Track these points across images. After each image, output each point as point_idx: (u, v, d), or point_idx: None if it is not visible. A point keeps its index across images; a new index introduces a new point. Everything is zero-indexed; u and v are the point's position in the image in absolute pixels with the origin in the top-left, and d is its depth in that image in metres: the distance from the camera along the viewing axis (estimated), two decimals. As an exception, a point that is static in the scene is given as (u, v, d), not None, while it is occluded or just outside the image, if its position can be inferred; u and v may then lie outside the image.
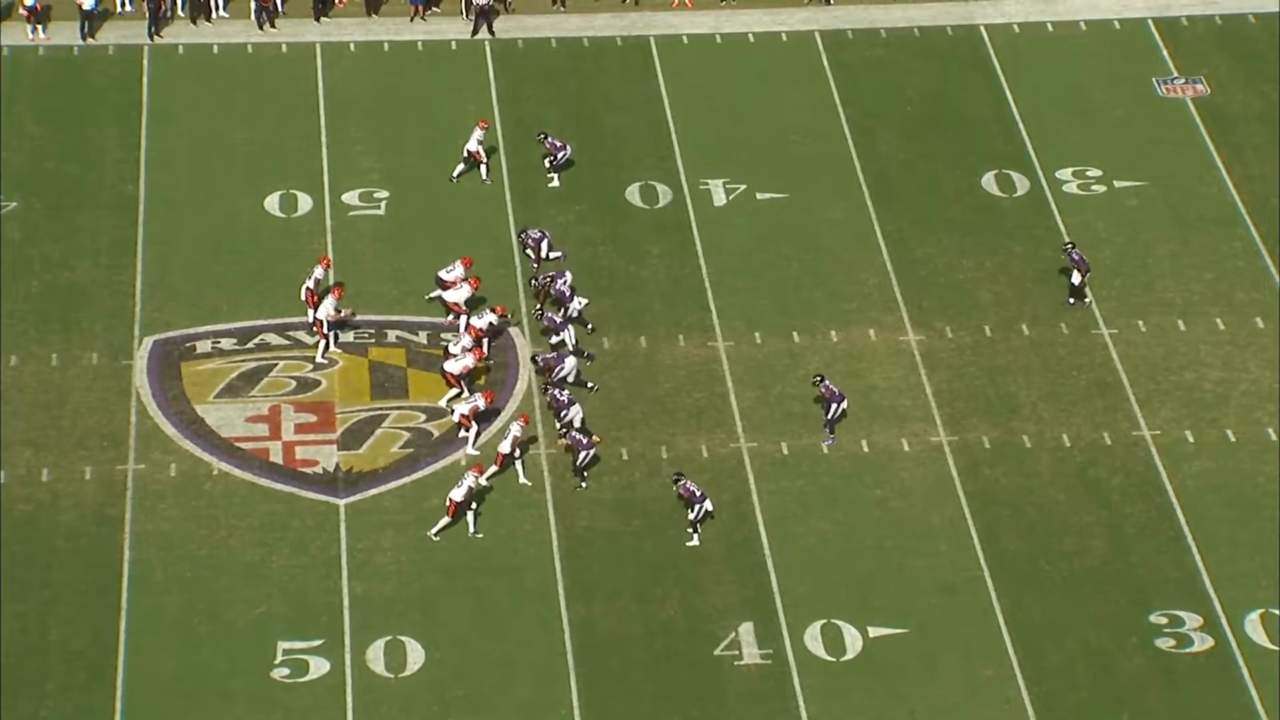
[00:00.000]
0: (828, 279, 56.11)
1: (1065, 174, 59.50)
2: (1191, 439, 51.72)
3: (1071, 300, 54.87)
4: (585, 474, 49.88)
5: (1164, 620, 47.38)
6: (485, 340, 52.82)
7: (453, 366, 51.77)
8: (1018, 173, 59.62)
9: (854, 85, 62.68)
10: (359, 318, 54.04)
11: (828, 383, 51.17)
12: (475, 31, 64.24)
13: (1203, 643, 46.90)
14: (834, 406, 50.90)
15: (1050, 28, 64.56)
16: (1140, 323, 54.85)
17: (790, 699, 45.75)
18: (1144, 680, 46.17)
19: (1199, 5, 65.46)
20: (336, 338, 53.25)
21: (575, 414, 50.62)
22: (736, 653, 46.78)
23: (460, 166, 58.73)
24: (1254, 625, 47.17)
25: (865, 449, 51.49)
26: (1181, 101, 62.12)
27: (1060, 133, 60.92)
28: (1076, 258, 54.70)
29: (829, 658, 46.66)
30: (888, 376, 53.34)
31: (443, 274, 54.25)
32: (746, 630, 47.21)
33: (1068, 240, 55.38)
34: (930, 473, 50.82)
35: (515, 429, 49.97)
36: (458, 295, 53.78)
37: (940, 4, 65.74)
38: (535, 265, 55.11)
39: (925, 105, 62.05)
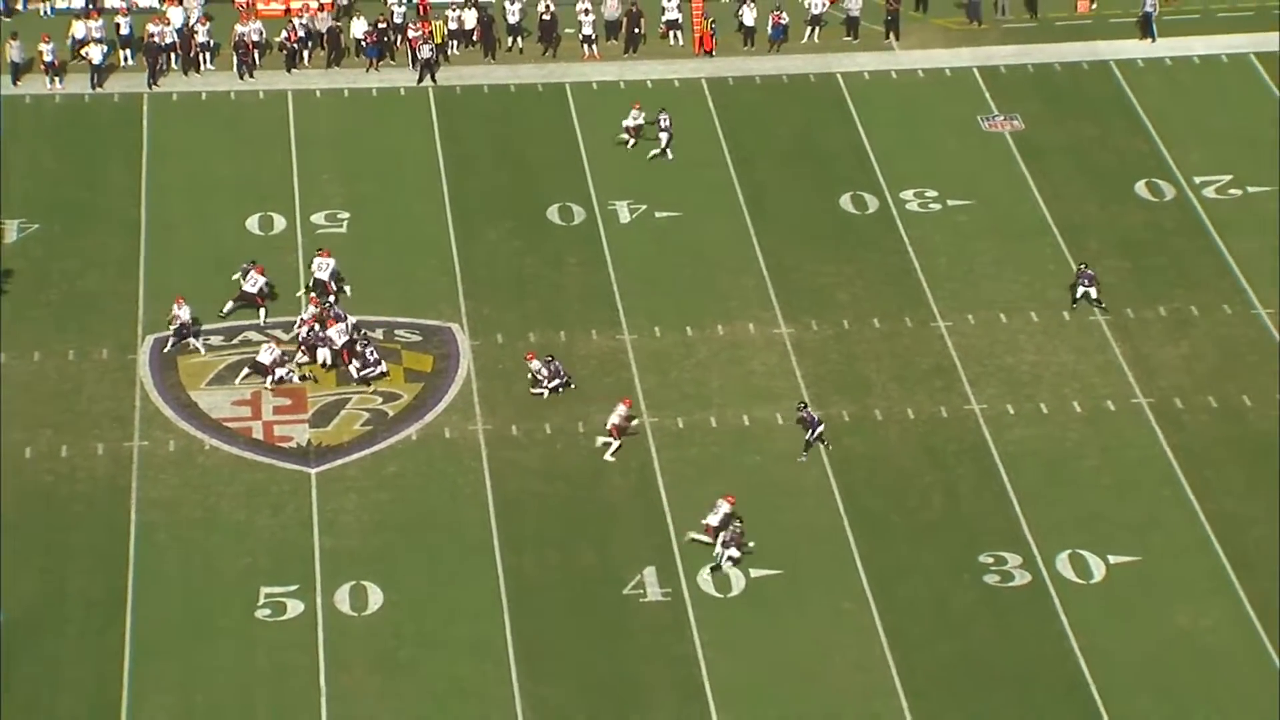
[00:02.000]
0: (714, 283, 56.03)
1: (908, 195, 59.54)
2: (1012, 411, 51.83)
3: (1080, 304, 54.97)
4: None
5: (991, 560, 47.50)
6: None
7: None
8: (869, 194, 59.58)
9: (736, 122, 62.55)
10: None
11: (808, 409, 50.71)
12: (420, 80, 64.00)
13: (1022, 578, 47.03)
14: (812, 430, 50.43)
15: (894, 75, 64.67)
16: (970, 317, 54.93)
17: (686, 629, 45.66)
18: (976, 610, 46.31)
19: (1015, 56, 65.66)
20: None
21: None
22: (641, 592, 46.67)
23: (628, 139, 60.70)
24: (1063, 563, 47.31)
25: (746, 422, 51.38)
26: (1001, 135, 62.28)
27: (903, 161, 60.97)
28: (1090, 274, 54.61)
29: (718, 594, 46.59)
30: (764, 363, 53.25)
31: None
32: (650, 573, 47.10)
33: (1082, 263, 55.19)
34: (800, 442, 50.67)
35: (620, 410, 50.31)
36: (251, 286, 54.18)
37: (804, 55, 65.66)
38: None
39: (793, 139, 61.83)
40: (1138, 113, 63.03)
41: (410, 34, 64.87)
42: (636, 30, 65.86)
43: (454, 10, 66.01)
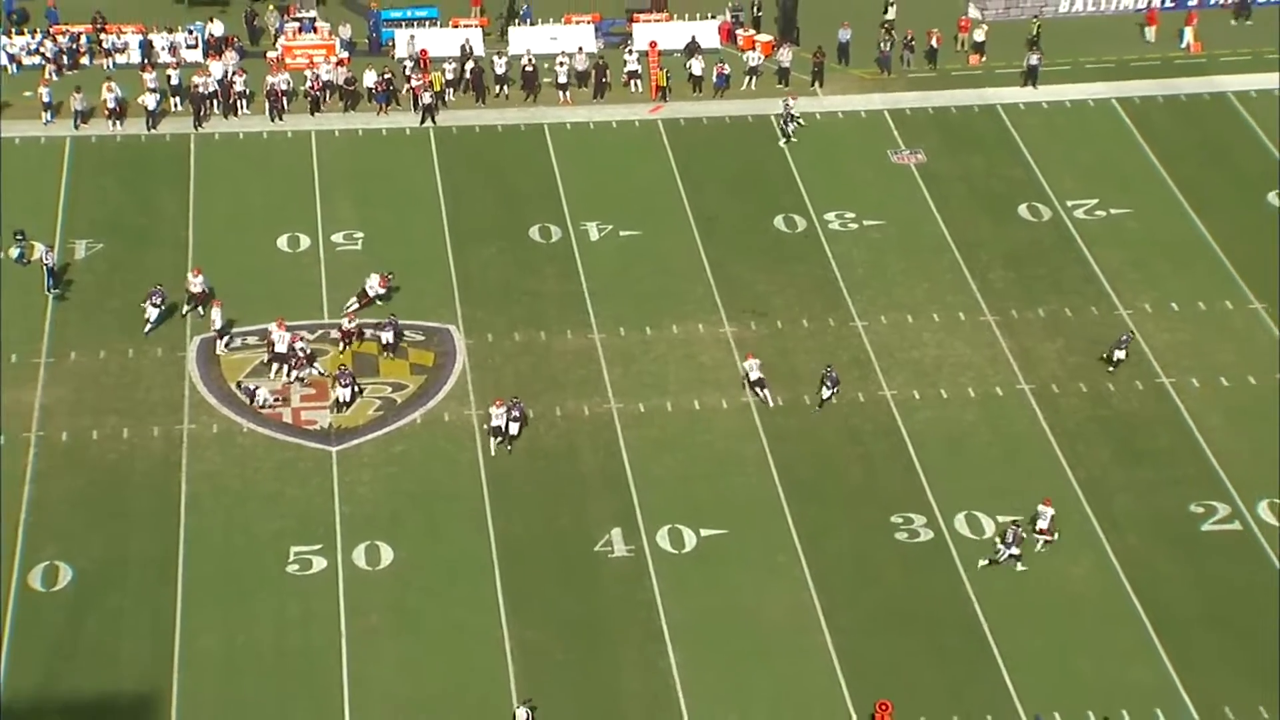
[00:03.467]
0: (669, 290, 55.86)
1: (830, 216, 59.39)
2: (918, 396, 51.81)
3: (1111, 369, 52.66)
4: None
5: (900, 521, 47.57)
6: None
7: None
8: (799, 215, 59.46)
9: (688, 157, 62.39)
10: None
11: (834, 371, 51.07)
12: (422, 121, 63.74)
13: (927, 535, 47.13)
14: (832, 389, 50.60)
15: (819, 116, 64.58)
16: (882, 317, 54.90)
17: (647, 580, 45.67)
18: (888, 562, 46.42)
19: (918, 101, 65.63)
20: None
21: None
22: (610, 549, 46.63)
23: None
24: (960, 522, 47.40)
25: (697, 407, 51.25)
26: (908, 166, 62.25)
27: (826, 188, 60.82)
28: (1125, 339, 52.87)
29: (673, 551, 46.56)
30: (712, 357, 53.16)
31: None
32: (616, 534, 47.05)
33: (1128, 334, 53.46)
34: (743, 423, 50.66)
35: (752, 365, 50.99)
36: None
37: (743, 100, 65.58)
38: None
39: (734, 170, 61.74)
40: (1020, 147, 63.10)
41: (413, 83, 64.69)
42: (603, 79, 65.76)
43: (450, 63, 65.87)
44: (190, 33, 67.48)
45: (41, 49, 66.05)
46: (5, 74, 65.73)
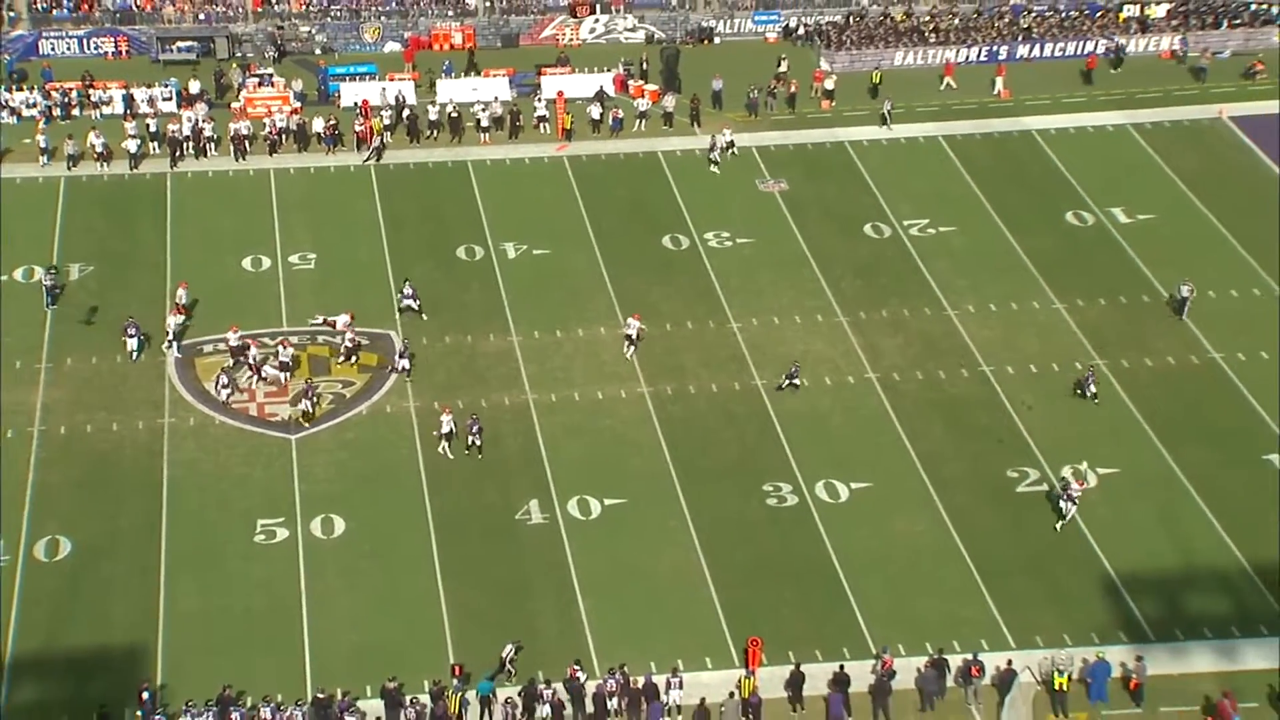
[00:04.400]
0: (575, 300, 55.69)
1: (709, 236, 59.40)
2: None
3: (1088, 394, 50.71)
4: None
5: (771, 489, 47.61)
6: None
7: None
8: (683, 235, 59.43)
9: (588, 187, 62.21)
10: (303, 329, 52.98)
11: (796, 367, 51.12)
12: (365, 160, 63.19)
13: (793, 501, 47.17)
14: (791, 379, 50.64)
15: (697, 152, 64.64)
16: (754, 320, 54.94)
17: (560, 544, 45.50)
18: (762, 524, 46.42)
19: (780, 139, 65.78)
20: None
21: None
22: (529, 517, 46.41)
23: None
24: (820, 489, 47.42)
25: (600, 397, 51.12)
26: (773, 194, 62.43)
27: (705, 212, 60.78)
28: (1091, 376, 50.82)
29: (581, 518, 46.42)
30: (612, 354, 53.04)
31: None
32: (534, 504, 46.84)
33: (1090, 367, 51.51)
34: (638, 409, 50.61)
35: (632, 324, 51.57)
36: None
37: (635, 140, 65.46)
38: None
39: (628, 198, 61.63)
40: (865, 177, 63.38)
41: (356, 128, 64.15)
42: (517, 123, 65.47)
43: (388, 111, 65.38)
44: (166, 87, 66.69)
45: (38, 103, 64.96)
46: (6, 125, 64.57)
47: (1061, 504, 46.10)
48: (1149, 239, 59.09)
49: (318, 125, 64.35)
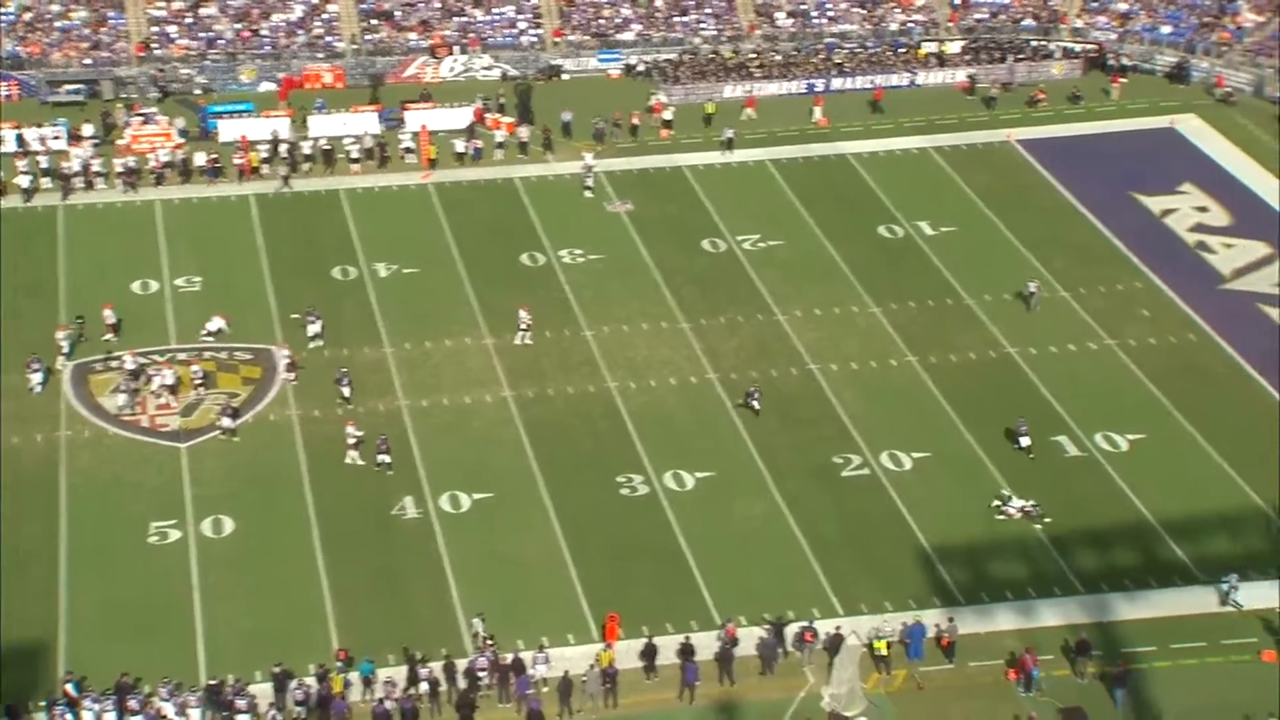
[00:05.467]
0: (442, 310, 55.34)
1: (564, 253, 59.38)
2: (634, 387, 52.00)
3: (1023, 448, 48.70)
4: None
5: (625, 480, 47.64)
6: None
7: None
8: (539, 252, 59.32)
9: (452, 211, 61.76)
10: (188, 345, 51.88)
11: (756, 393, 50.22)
12: (279, 190, 61.78)
13: (645, 490, 47.19)
14: (752, 398, 49.95)
15: (551, 177, 64.54)
16: (605, 328, 54.98)
17: (433, 536, 45.15)
18: (617, 512, 46.40)
19: (625, 164, 65.93)
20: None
21: None
22: (404, 512, 46.01)
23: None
24: (669, 479, 47.55)
25: (467, 401, 50.84)
26: (620, 214, 62.57)
27: (560, 231, 60.73)
28: (1024, 429, 48.59)
29: (453, 511, 46.11)
30: (477, 362, 52.76)
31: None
32: (409, 500, 46.45)
33: (1022, 418, 49.37)
34: (502, 412, 50.38)
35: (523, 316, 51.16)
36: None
37: (494, 167, 65.19)
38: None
39: (489, 221, 61.26)
40: (701, 198, 63.85)
41: (236, 161, 63.09)
42: (385, 154, 64.87)
43: (264, 145, 64.36)
44: (56, 126, 64.95)
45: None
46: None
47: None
48: (950, 248, 60.37)
49: (199, 159, 63.14)
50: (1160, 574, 44.13)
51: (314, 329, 52.93)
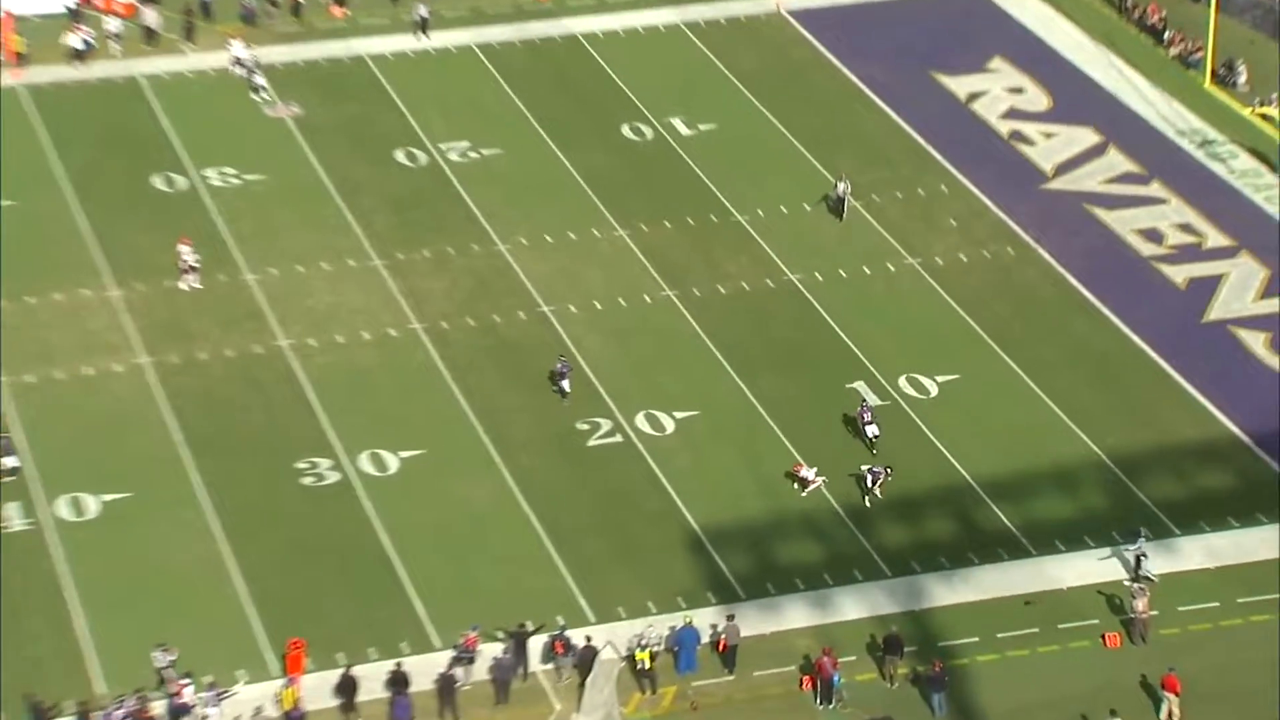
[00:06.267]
0: (48, 256, 53.78)
1: (211, 173, 58.45)
2: (314, 343, 51.56)
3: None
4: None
5: (306, 466, 47.27)
6: None
7: None
8: (177, 174, 58.31)
9: (55, 121, 59.97)
10: None
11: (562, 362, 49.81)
12: None
13: (334, 477, 46.96)
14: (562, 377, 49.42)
15: (189, 73, 62.98)
16: (273, 270, 54.39)
17: (46, 554, 44.10)
18: (296, 505, 46.16)
19: (289, 55, 65.02)
20: None
21: None
22: (8, 525, 44.72)
23: None
24: (365, 461, 47.33)
25: (89, 373, 49.79)
26: (284, 120, 61.69)
27: (204, 144, 59.84)
28: (869, 417, 48.32)
29: (74, 519, 45.07)
30: (100, 321, 51.51)
31: None
32: (13, 508, 45.13)
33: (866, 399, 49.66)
34: (138, 384, 49.49)
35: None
36: None
37: (109, 64, 63.08)
38: None
39: (105, 132, 60.00)
40: (391, 95, 63.40)
41: None
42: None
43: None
44: None
45: None
46: None
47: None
48: (712, 151, 61.40)
49: None
50: (982, 547, 45.84)
51: None
